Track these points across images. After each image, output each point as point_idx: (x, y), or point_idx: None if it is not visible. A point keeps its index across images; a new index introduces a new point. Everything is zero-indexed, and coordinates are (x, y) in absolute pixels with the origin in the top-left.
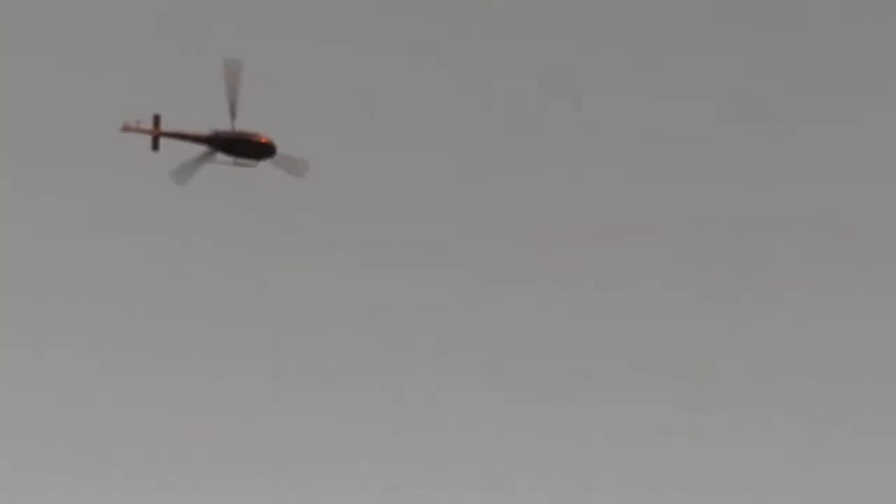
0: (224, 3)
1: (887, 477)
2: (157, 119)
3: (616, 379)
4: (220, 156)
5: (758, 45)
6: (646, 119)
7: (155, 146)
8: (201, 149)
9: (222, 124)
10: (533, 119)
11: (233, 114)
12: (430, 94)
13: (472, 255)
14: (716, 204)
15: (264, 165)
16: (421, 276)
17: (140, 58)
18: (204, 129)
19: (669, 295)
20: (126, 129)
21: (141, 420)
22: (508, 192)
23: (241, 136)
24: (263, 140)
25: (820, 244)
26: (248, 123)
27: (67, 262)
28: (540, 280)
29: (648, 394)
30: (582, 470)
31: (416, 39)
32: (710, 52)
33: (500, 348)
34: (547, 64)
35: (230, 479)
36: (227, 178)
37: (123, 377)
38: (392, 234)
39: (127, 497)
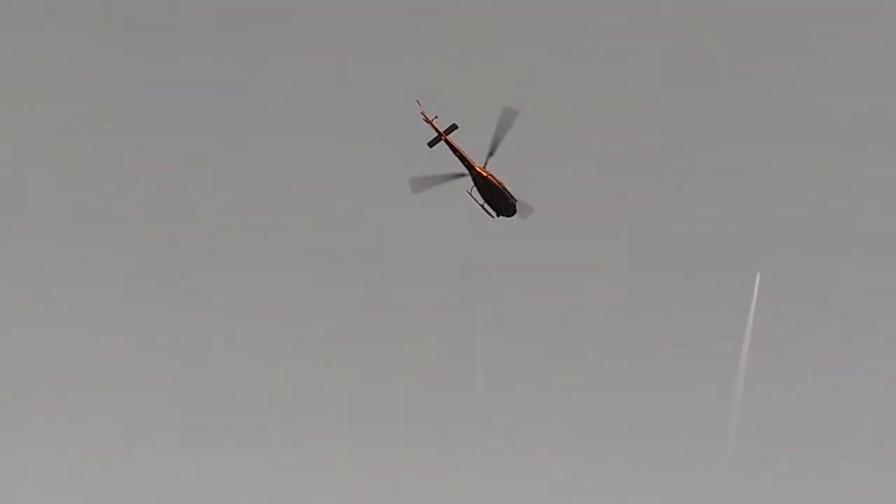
0: None
1: None
2: (453, 127)
3: None
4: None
5: None
6: None
7: (432, 144)
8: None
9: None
10: None
11: (490, 153)
12: None
13: None
14: None
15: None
16: None
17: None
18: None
19: None
20: (423, 116)
21: None
22: None
23: (500, 189)
24: (514, 203)
25: None
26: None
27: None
28: None
29: None
30: None
31: None
32: None
33: None
34: None
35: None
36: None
37: None
38: None
39: None
